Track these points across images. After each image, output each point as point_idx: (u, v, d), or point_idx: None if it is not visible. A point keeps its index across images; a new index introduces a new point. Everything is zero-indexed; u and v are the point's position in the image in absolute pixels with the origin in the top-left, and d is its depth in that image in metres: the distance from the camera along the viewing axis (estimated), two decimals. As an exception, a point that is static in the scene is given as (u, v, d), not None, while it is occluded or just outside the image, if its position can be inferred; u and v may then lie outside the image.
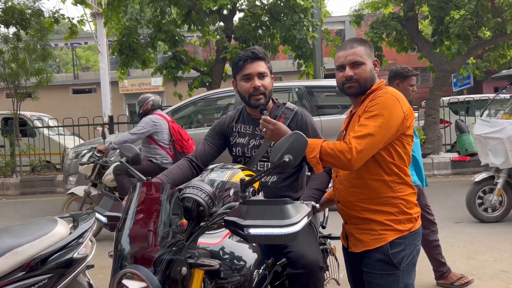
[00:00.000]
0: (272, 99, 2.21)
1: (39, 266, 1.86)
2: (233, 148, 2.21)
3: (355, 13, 12.02)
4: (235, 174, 1.73)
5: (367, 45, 1.87)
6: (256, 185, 1.67)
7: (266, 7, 9.85)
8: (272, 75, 2.16)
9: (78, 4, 9.73)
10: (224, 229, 1.58)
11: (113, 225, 1.54)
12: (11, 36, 10.28)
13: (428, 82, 21.26)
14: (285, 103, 2.22)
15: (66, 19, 9.97)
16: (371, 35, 10.77)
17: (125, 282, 1.24)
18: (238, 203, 1.37)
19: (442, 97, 10.89)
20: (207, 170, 1.82)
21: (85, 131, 10.76)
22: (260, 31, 10.06)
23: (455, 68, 10.66)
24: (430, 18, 11.00)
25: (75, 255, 2.00)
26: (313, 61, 9.94)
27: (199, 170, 2.14)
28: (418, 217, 1.86)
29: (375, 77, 1.87)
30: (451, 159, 9.07)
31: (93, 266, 2.21)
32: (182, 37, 10.07)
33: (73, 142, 9.91)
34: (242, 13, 10.15)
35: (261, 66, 2.08)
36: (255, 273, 1.64)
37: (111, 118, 10.77)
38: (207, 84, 10.03)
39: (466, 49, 10.56)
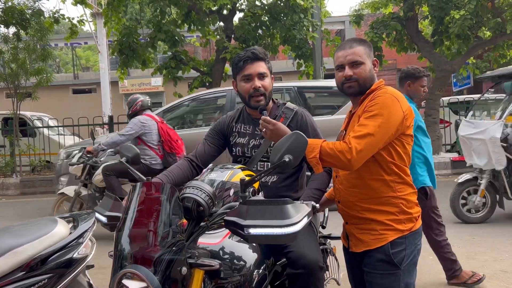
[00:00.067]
0: (272, 99, 2.21)
1: (39, 266, 1.86)
2: (233, 148, 2.21)
3: (355, 13, 12.02)
4: (235, 174, 1.73)
5: (366, 45, 1.87)
6: (256, 185, 1.67)
7: (266, 7, 9.85)
8: (272, 75, 2.16)
9: (78, 4, 9.73)
10: (224, 229, 1.58)
11: (113, 225, 1.54)
12: (11, 36, 10.28)
13: (428, 82, 21.25)
14: (285, 103, 2.22)
15: (66, 19, 9.96)
16: (371, 35, 10.77)
17: (125, 282, 1.24)
18: (238, 203, 1.37)
19: (442, 97, 10.89)
20: (207, 170, 1.82)
21: (85, 131, 10.75)
22: (260, 31, 10.06)
23: (455, 68, 10.66)
24: (430, 18, 11.01)
25: (75, 255, 2.00)
26: (313, 61, 9.94)
27: (199, 170, 2.14)
28: (418, 216, 1.86)
29: (374, 77, 1.87)
30: (451, 159, 9.07)
31: (93, 266, 2.21)
32: (182, 37, 10.07)
33: (73, 142, 9.91)
34: (242, 13, 10.15)
35: (261, 67, 2.08)
36: (255, 273, 1.64)
37: (111, 118, 10.76)
38: (207, 84, 10.02)
39: (466, 49, 10.56)
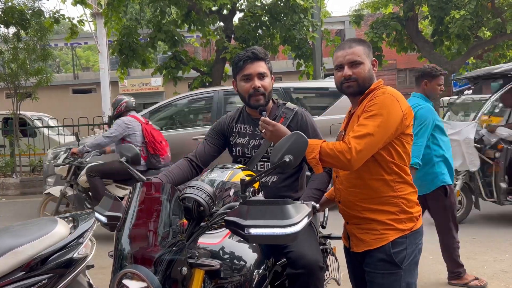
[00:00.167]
0: (272, 99, 2.21)
1: (39, 266, 1.86)
2: (233, 148, 2.21)
3: (355, 13, 12.03)
4: (235, 174, 1.73)
5: (365, 45, 1.87)
6: (256, 185, 1.67)
7: (266, 7, 9.85)
8: (272, 75, 2.17)
9: (78, 4, 9.73)
10: (224, 229, 1.58)
11: (112, 224, 1.54)
12: (11, 36, 10.28)
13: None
14: (285, 103, 2.22)
15: (66, 19, 9.97)
16: (371, 35, 10.79)
17: (126, 282, 1.24)
18: (238, 203, 1.37)
19: (442, 97, 10.90)
20: (207, 170, 1.82)
21: (85, 131, 10.76)
22: (260, 31, 10.06)
23: (455, 68, 10.68)
24: (430, 18, 11.02)
25: (75, 255, 2.00)
26: (313, 61, 9.95)
27: (198, 170, 2.14)
28: (419, 216, 1.86)
29: (373, 76, 1.87)
30: None
31: (93, 266, 2.21)
32: (182, 37, 10.08)
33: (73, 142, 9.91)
34: (242, 13, 10.16)
35: (261, 67, 2.08)
36: (255, 273, 1.64)
37: (110, 118, 10.77)
38: (207, 84, 10.03)
39: (466, 49, 10.57)
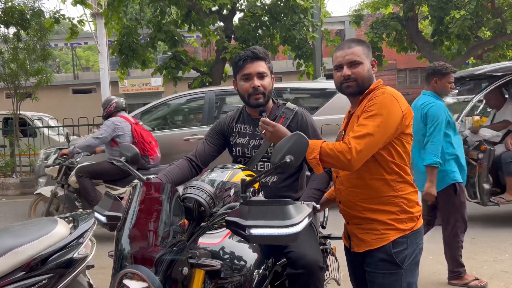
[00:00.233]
0: (272, 99, 2.21)
1: (39, 266, 1.86)
2: (233, 148, 2.21)
3: (355, 13, 12.04)
4: (235, 174, 1.73)
5: (364, 45, 1.87)
6: (256, 185, 1.68)
7: (266, 7, 9.86)
8: (272, 75, 2.17)
9: (78, 4, 9.74)
10: (224, 229, 1.59)
11: (112, 224, 1.54)
12: (11, 36, 10.28)
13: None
14: (285, 103, 2.22)
15: (67, 19, 9.97)
16: (371, 35, 10.80)
17: (126, 282, 1.24)
18: (238, 203, 1.37)
19: (442, 97, 10.90)
20: (207, 171, 1.82)
21: (85, 131, 10.76)
22: (260, 31, 10.07)
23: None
24: (430, 18, 11.02)
25: (75, 255, 2.00)
26: (313, 61, 9.96)
27: (198, 169, 2.14)
28: (419, 215, 1.86)
29: (373, 77, 1.88)
30: None
31: (93, 266, 2.21)
32: (182, 37, 10.08)
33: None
34: (242, 13, 10.16)
35: (261, 66, 2.08)
36: (255, 273, 1.64)
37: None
38: (207, 84, 10.03)
39: (466, 49, 10.57)
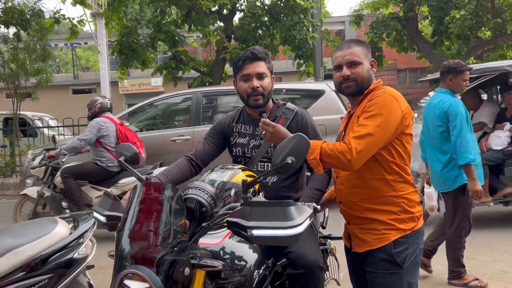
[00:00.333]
0: (272, 99, 2.21)
1: (39, 266, 1.86)
2: (233, 148, 2.21)
3: (355, 14, 12.04)
4: (235, 175, 1.74)
5: (364, 45, 1.88)
6: (257, 185, 1.68)
7: (266, 7, 9.86)
8: (272, 75, 2.17)
9: (78, 5, 9.74)
10: (224, 229, 1.59)
11: (112, 224, 1.54)
12: (11, 36, 10.28)
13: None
14: (285, 104, 2.22)
15: (67, 19, 9.97)
16: (371, 35, 10.80)
17: (127, 282, 1.24)
18: (239, 203, 1.38)
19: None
20: (207, 171, 1.82)
21: (85, 131, 10.74)
22: (260, 31, 10.07)
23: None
24: (430, 18, 11.02)
25: (75, 255, 2.00)
26: (313, 61, 9.96)
27: (198, 169, 2.14)
28: (420, 216, 1.86)
29: (372, 77, 1.88)
30: None
31: (93, 266, 2.21)
32: (182, 37, 10.08)
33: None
34: (242, 13, 10.16)
35: (261, 67, 2.08)
36: (255, 273, 1.64)
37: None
38: (207, 84, 10.03)
39: (466, 49, 10.57)
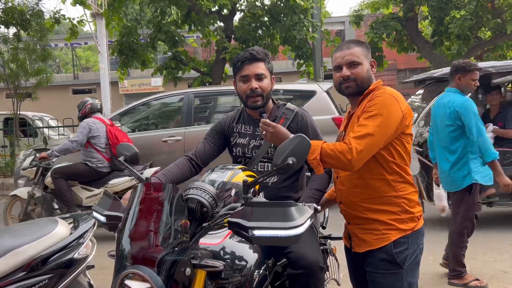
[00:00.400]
0: (272, 99, 2.21)
1: (39, 267, 1.86)
2: (233, 149, 2.22)
3: (355, 14, 12.04)
4: (236, 175, 1.74)
5: (364, 46, 1.88)
6: (257, 186, 1.68)
7: (266, 7, 9.87)
8: (272, 75, 2.17)
9: (78, 5, 9.73)
10: (225, 229, 1.59)
11: (112, 224, 1.54)
12: (11, 36, 10.29)
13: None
14: (285, 104, 2.23)
15: (67, 20, 9.97)
16: (371, 35, 10.79)
17: (128, 282, 1.24)
18: (240, 204, 1.38)
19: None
20: (207, 171, 1.83)
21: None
22: (260, 31, 10.08)
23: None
24: (430, 18, 11.02)
25: (75, 256, 2.00)
26: (313, 61, 9.96)
27: (198, 169, 2.15)
28: (420, 216, 1.86)
29: (372, 77, 1.88)
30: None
31: (93, 266, 2.21)
32: (182, 38, 10.08)
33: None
34: (242, 13, 10.17)
35: (260, 68, 2.08)
36: (255, 273, 1.64)
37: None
38: (207, 84, 10.04)
39: (466, 49, 10.57)
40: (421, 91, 6.05)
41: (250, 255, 1.66)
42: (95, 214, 1.62)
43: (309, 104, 5.70)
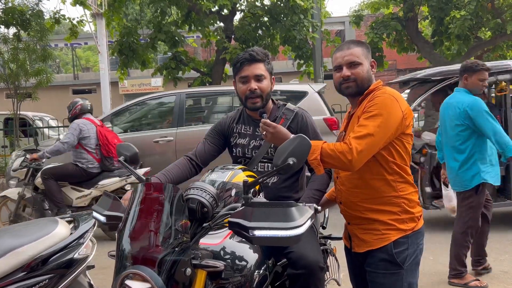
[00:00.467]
0: (272, 100, 2.21)
1: (39, 267, 1.86)
2: (233, 149, 2.22)
3: (355, 14, 12.04)
4: (236, 175, 1.74)
5: (364, 46, 1.88)
6: (257, 186, 1.68)
7: (266, 7, 9.87)
8: (272, 76, 2.17)
9: (78, 5, 9.74)
10: (225, 229, 1.59)
11: (112, 224, 1.54)
12: (11, 36, 10.29)
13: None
14: (285, 104, 2.23)
15: (67, 20, 9.98)
16: (371, 35, 10.80)
17: (128, 282, 1.24)
18: (240, 204, 1.38)
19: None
20: (208, 171, 1.83)
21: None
22: (260, 31, 10.08)
23: (455, 69, 10.68)
24: (430, 18, 11.03)
25: (75, 256, 2.00)
26: (313, 61, 9.96)
27: (198, 169, 2.15)
28: (420, 216, 1.86)
29: (372, 77, 1.88)
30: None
31: (93, 266, 2.22)
32: (182, 38, 10.08)
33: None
34: (242, 13, 10.17)
35: (259, 69, 2.08)
36: (256, 273, 1.64)
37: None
38: (207, 84, 10.04)
39: (466, 49, 10.57)
40: (407, 92, 6.04)
41: (250, 255, 1.66)
42: (95, 214, 1.62)
43: (300, 104, 5.70)
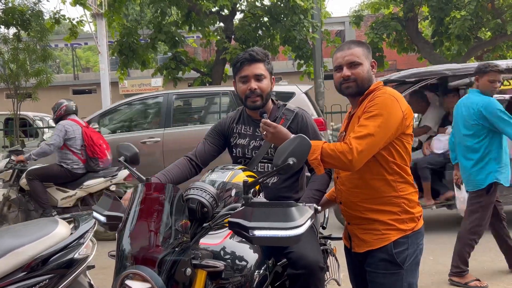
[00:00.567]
0: (272, 100, 2.21)
1: (40, 267, 1.86)
2: (233, 149, 2.22)
3: (355, 14, 12.04)
4: (236, 175, 1.74)
5: (364, 46, 1.88)
6: (257, 186, 1.68)
7: (266, 8, 9.87)
8: (272, 76, 2.17)
9: (77, 5, 9.74)
10: (225, 229, 1.59)
11: (112, 224, 1.54)
12: (11, 36, 10.29)
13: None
14: (285, 104, 2.23)
15: (67, 20, 9.98)
16: (371, 35, 10.80)
17: (128, 282, 1.24)
18: (240, 204, 1.38)
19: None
20: (208, 171, 1.83)
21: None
22: (260, 31, 10.08)
23: (455, 69, 10.67)
24: (430, 19, 11.03)
25: (76, 256, 2.00)
26: (313, 61, 9.97)
27: (198, 169, 2.15)
28: (420, 216, 1.86)
29: (372, 78, 1.88)
30: None
31: (93, 266, 2.22)
32: (182, 38, 10.09)
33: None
34: (242, 14, 10.18)
35: (259, 68, 2.09)
36: (256, 273, 1.64)
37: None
38: (207, 84, 10.04)
39: (466, 50, 10.57)
40: None
41: (250, 255, 1.66)
42: (95, 214, 1.62)
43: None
